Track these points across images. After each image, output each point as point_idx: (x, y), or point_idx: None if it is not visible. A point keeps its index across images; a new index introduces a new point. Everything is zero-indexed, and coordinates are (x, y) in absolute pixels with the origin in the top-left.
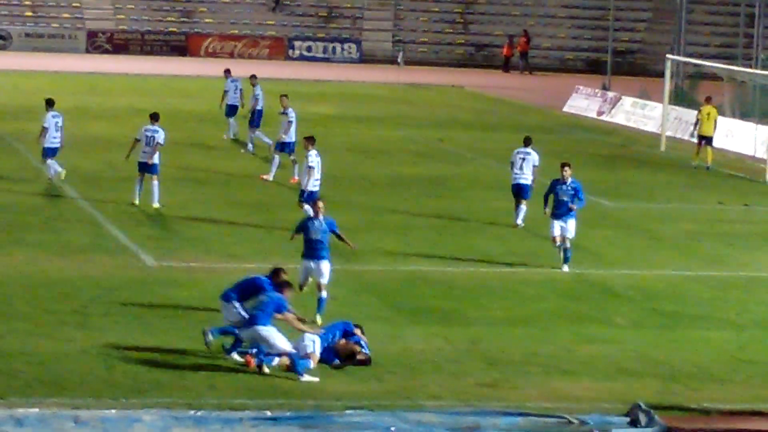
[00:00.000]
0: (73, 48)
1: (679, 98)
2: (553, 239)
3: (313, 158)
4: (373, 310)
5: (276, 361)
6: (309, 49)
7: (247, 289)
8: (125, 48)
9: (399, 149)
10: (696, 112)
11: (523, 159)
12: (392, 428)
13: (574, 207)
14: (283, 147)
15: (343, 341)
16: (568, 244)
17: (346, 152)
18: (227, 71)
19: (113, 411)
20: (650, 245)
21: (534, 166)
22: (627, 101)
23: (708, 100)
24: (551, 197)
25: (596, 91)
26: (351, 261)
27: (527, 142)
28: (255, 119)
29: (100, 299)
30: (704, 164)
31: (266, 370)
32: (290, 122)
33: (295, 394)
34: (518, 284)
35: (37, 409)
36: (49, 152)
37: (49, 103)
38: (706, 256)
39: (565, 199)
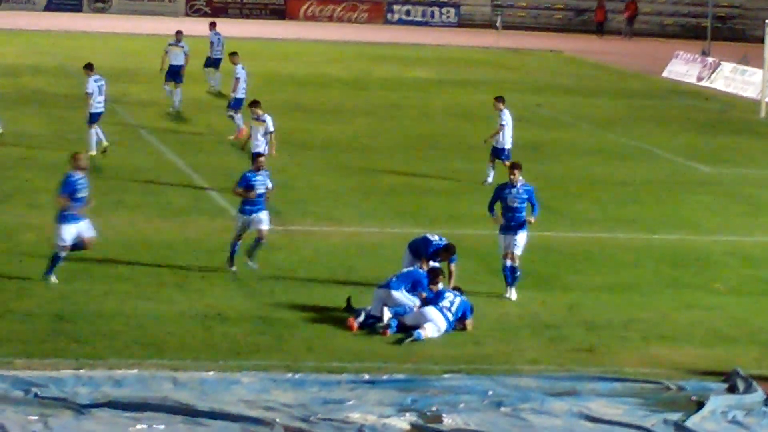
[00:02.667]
0: (173, 11)
1: None
2: (505, 255)
3: (270, 122)
4: (472, 275)
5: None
6: (408, 13)
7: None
8: (224, 11)
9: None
10: None
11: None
12: (489, 392)
13: (532, 219)
14: (236, 104)
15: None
16: (516, 262)
17: (444, 116)
18: (212, 24)
19: (211, 373)
20: (749, 211)
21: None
22: (727, 67)
23: None
24: (497, 205)
25: (696, 56)
26: (450, 225)
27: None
28: (180, 78)
29: (199, 261)
30: None
31: (388, 333)
32: (238, 78)
33: (393, 357)
34: (616, 250)
35: (136, 370)
36: None
37: None
38: None
39: (515, 205)
